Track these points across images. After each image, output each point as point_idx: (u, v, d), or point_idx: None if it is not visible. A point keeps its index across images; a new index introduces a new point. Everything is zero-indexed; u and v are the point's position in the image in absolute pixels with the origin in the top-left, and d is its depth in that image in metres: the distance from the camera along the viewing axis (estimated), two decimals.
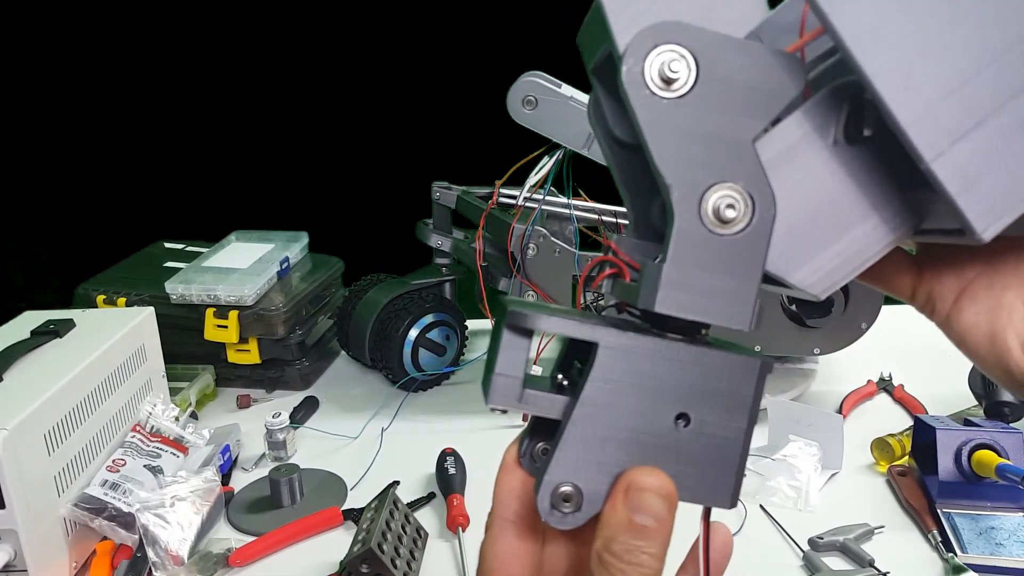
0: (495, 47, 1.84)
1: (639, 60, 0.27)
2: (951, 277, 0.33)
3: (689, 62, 0.27)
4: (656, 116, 0.27)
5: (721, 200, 0.27)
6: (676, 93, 0.27)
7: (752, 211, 0.27)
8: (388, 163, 2.04)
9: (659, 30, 0.27)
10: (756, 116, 0.28)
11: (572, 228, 1.00)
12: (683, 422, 0.28)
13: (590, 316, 0.30)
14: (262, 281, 1.02)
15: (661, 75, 0.27)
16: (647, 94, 0.27)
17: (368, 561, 0.66)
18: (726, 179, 0.27)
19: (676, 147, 0.27)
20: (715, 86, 0.27)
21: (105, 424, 0.78)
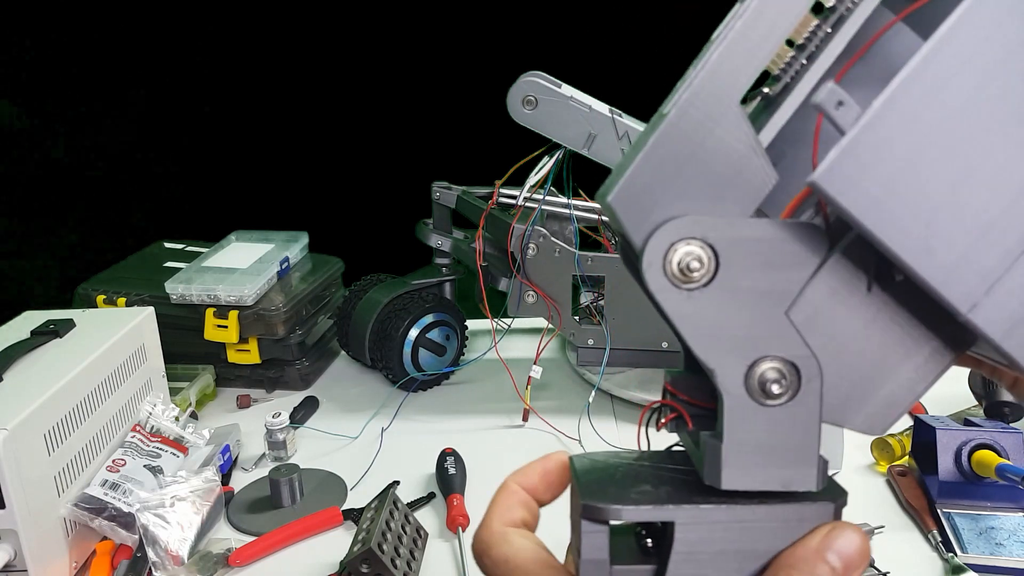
0: (495, 47, 1.84)
1: (658, 259, 0.28)
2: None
3: (707, 253, 0.28)
4: (683, 308, 0.28)
5: (766, 375, 0.28)
6: (699, 284, 0.28)
7: (798, 380, 0.28)
8: (388, 163, 2.04)
9: (673, 228, 0.27)
10: (783, 291, 0.28)
11: (572, 228, 1.00)
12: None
13: (659, 479, 0.31)
14: (262, 281, 1.02)
15: (681, 271, 0.28)
16: (670, 289, 0.28)
17: (368, 561, 0.66)
18: (766, 354, 0.28)
19: (709, 333, 0.28)
20: (737, 270, 0.28)
21: (105, 424, 0.78)
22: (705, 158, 0.28)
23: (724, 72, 0.28)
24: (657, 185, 0.28)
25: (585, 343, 1.00)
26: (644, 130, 0.31)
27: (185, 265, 1.08)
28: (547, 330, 0.98)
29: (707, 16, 1.30)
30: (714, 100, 0.28)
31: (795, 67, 0.30)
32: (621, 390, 0.97)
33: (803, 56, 0.30)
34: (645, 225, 0.28)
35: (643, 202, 0.28)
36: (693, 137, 0.28)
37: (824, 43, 0.29)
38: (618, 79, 1.36)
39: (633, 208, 0.28)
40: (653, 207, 0.28)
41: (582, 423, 0.92)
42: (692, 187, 0.28)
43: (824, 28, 0.29)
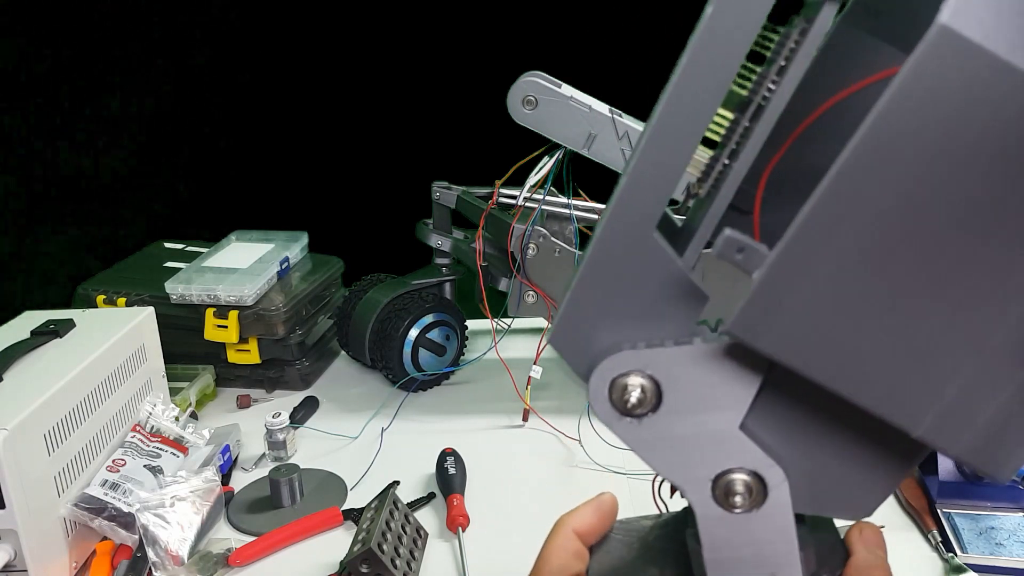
0: (495, 47, 1.84)
1: (602, 394, 0.28)
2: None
3: (648, 383, 0.28)
4: (634, 435, 0.28)
5: (732, 487, 0.28)
6: (645, 411, 0.28)
7: (764, 488, 0.28)
8: (388, 163, 2.04)
9: (611, 364, 0.27)
10: (732, 407, 0.28)
11: (572, 228, 1.00)
12: None
13: (667, 562, 0.31)
14: (262, 281, 1.02)
15: (627, 405, 0.28)
16: (619, 419, 0.28)
17: (368, 561, 0.66)
18: (728, 468, 0.28)
19: (666, 454, 0.28)
20: (681, 396, 0.28)
21: (105, 424, 0.78)
22: (632, 287, 0.28)
23: (638, 198, 0.27)
24: (589, 319, 0.28)
25: None
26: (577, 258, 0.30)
27: (185, 265, 1.08)
28: (547, 330, 0.98)
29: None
30: (630, 231, 0.27)
31: (717, 167, 0.29)
32: None
33: (724, 155, 0.28)
34: (585, 360, 0.28)
35: (579, 337, 0.28)
36: (616, 268, 0.28)
37: (745, 138, 0.28)
38: (618, 79, 1.36)
39: (571, 345, 0.29)
40: (590, 341, 0.28)
41: (582, 423, 0.92)
42: (625, 315, 0.28)
43: (743, 122, 0.28)
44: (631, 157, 0.27)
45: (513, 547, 0.74)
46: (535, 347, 0.97)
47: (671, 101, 0.26)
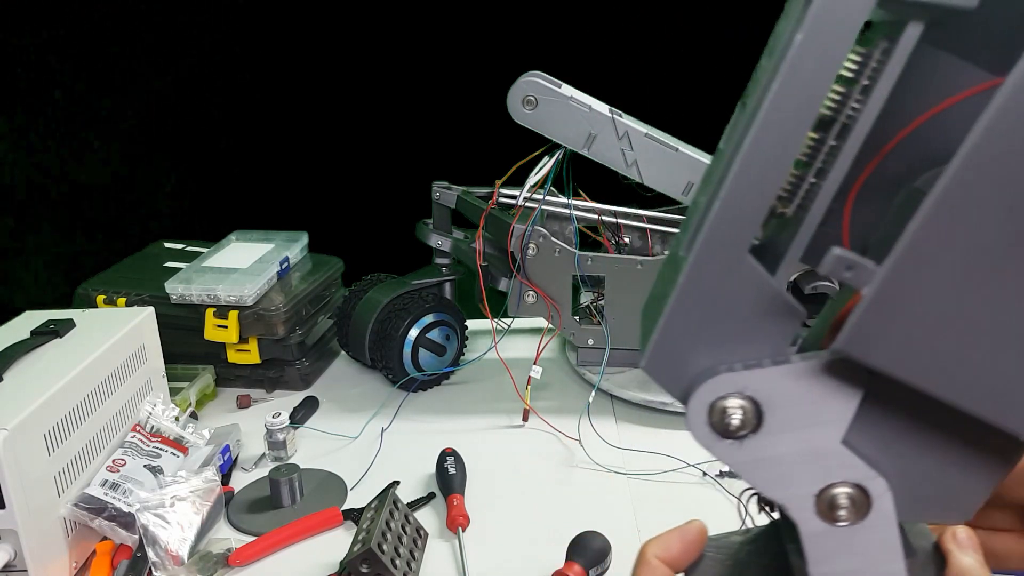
0: (495, 47, 1.84)
1: (701, 418, 0.28)
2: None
3: (748, 404, 0.28)
4: (736, 457, 0.28)
5: (836, 501, 0.28)
6: (746, 432, 0.28)
7: (868, 500, 0.28)
8: (388, 163, 2.04)
9: (711, 388, 0.28)
10: (834, 422, 0.28)
11: (572, 228, 1.00)
12: None
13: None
14: (262, 281, 1.02)
15: (728, 427, 0.28)
16: (720, 442, 0.28)
17: (368, 561, 0.66)
18: (831, 482, 0.28)
19: (768, 474, 0.28)
20: (782, 415, 0.28)
21: (105, 424, 0.78)
22: (727, 308, 0.28)
23: (732, 221, 0.27)
24: (684, 343, 0.28)
25: (585, 343, 1.00)
26: (661, 273, 0.30)
27: (185, 265, 1.08)
28: (547, 330, 0.98)
29: (706, 16, 1.31)
30: (727, 251, 0.27)
31: (804, 186, 0.28)
32: (621, 390, 0.97)
33: (811, 174, 0.28)
34: (681, 384, 0.28)
35: (674, 362, 0.28)
36: (711, 291, 0.28)
37: (832, 157, 0.28)
38: (618, 79, 1.36)
39: (666, 371, 0.29)
40: (685, 365, 0.28)
41: (582, 423, 0.92)
42: (720, 337, 0.28)
43: (828, 140, 0.28)
44: (717, 181, 0.27)
45: (513, 547, 0.75)
46: (535, 347, 0.97)
47: (764, 126, 0.26)
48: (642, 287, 0.95)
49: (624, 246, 1.04)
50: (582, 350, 1.02)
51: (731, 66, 1.99)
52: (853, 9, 0.25)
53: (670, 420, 0.94)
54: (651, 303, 0.30)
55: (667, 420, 0.95)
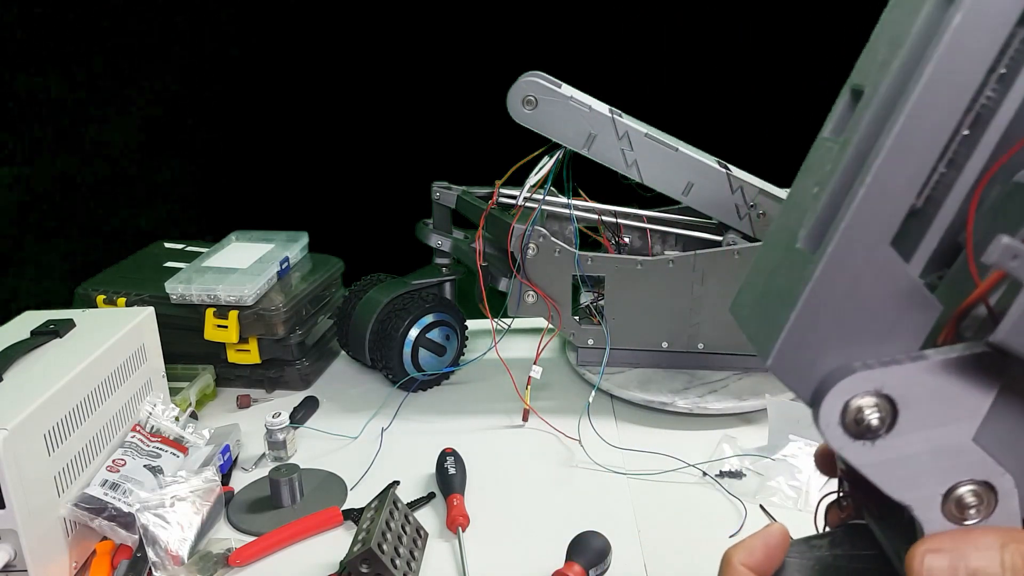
0: (495, 47, 1.84)
1: (834, 419, 0.27)
2: None
3: (883, 403, 0.27)
4: (868, 458, 0.28)
5: (963, 500, 0.28)
6: (881, 432, 0.27)
7: (995, 497, 0.28)
8: (388, 163, 2.04)
9: (846, 387, 0.27)
10: (966, 420, 0.27)
11: (572, 228, 1.00)
12: None
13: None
14: (262, 281, 1.02)
15: (862, 427, 0.27)
16: (852, 444, 0.27)
17: (368, 561, 0.66)
18: (959, 481, 0.28)
19: (898, 475, 0.28)
20: (916, 413, 0.27)
21: (105, 424, 0.78)
22: (862, 303, 0.27)
23: (874, 213, 0.26)
24: (817, 339, 0.27)
25: (585, 343, 1.00)
26: (773, 256, 0.29)
27: (185, 265, 1.08)
28: (547, 330, 0.98)
29: (706, 16, 1.31)
30: (866, 244, 0.26)
31: (935, 177, 0.27)
32: (621, 390, 0.97)
33: (942, 164, 0.27)
34: (812, 383, 0.28)
35: (804, 361, 0.27)
36: (846, 285, 0.27)
37: (967, 146, 0.27)
38: (618, 79, 1.36)
39: (795, 370, 0.28)
40: (816, 364, 0.27)
41: (582, 423, 0.92)
42: (853, 334, 0.27)
43: (962, 130, 0.27)
44: (844, 172, 0.26)
45: (513, 547, 0.75)
46: (535, 347, 0.97)
47: (914, 114, 0.25)
48: (642, 287, 0.95)
49: (624, 246, 1.04)
50: (582, 350, 1.02)
51: (731, 66, 2.00)
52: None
53: (670, 420, 0.95)
54: (764, 298, 0.29)
55: (667, 420, 0.95)
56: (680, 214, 1.03)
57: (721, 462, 0.84)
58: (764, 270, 0.30)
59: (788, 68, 1.88)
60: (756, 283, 0.30)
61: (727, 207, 0.95)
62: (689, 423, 0.94)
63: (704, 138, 1.01)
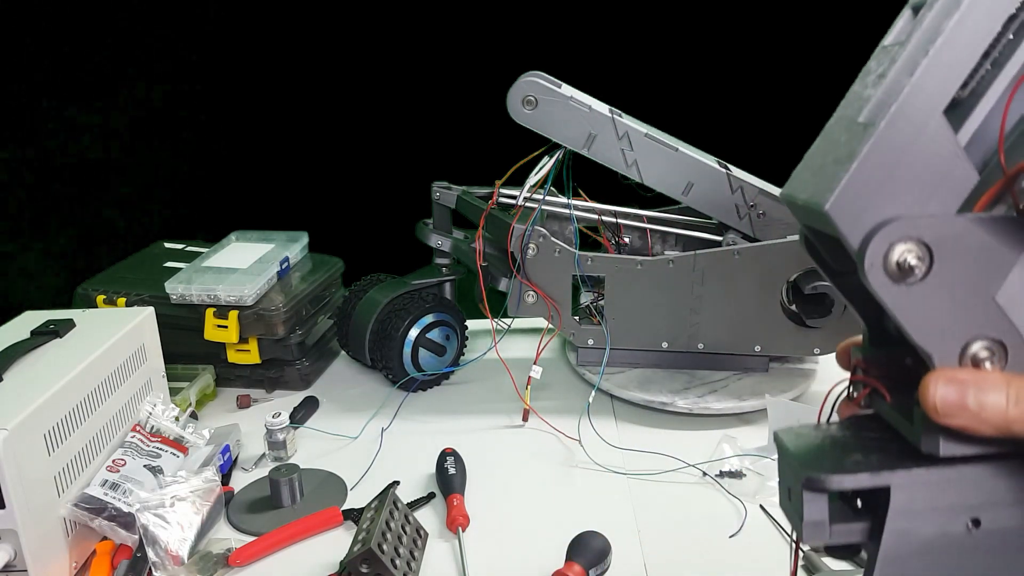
0: (495, 47, 1.84)
1: (879, 260, 0.31)
2: None
3: (922, 251, 0.31)
4: (903, 301, 0.31)
5: (978, 354, 0.32)
6: (916, 278, 0.31)
7: (1006, 355, 0.32)
8: (388, 163, 2.04)
9: (891, 231, 0.31)
10: (990, 278, 0.31)
11: (572, 228, 1.00)
12: (974, 525, 0.33)
13: (866, 447, 0.35)
14: (262, 281, 1.02)
15: (901, 268, 0.31)
16: (891, 286, 0.31)
17: (368, 561, 0.66)
18: (977, 335, 0.31)
19: (925, 321, 0.31)
20: (950, 264, 0.31)
21: (105, 424, 0.78)
22: (913, 164, 0.31)
23: (930, 86, 0.31)
24: (870, 192, 0.31)
25: (585, 343, 1.00)
26: (834, 135, 0.33)
27: (185, 265, 1.08)
28: (547, 330, 0.98)
29: (706, 16, 1.31)
30: (921, 112, 0.31)
31: (981, 72, 0.32)
32: (621, 390, 0.97)
33: (988, 62, 0.32)
34: (861, 229, 0.31)
35: (858, 208, 0.31)
36: (902, 146, 0.31)
37: (1009, 49, 0.31)
38: (618, 79, 1.36)
39: (849, 214, 0.31)
40: (867, 212, 0.31)
41: (582, 423, 0.92)
42: (901, 191, 0.31)
43: (1007, 34, 0.31)
44: (921, 47, 0.31)
45: (513, 547, 0.75)
46: (535, 347, 0.98)
47: (964, 17, 0.30)
48: (642, 287, 0.95)
49: (624, 246, 1.04)
50: (582, 350, 1.02)
51: (731, 66, 1.99)
52: None
53: (670, 420, 0.95)
54: (824, 166, 0.33)
55: (667, 420, 0.95)
56: (680, 214, 1.03)
57: (721, 462, 0.84)
58: (822, 151, 0.35)
59: (788, 68, 1.88)
60: (813, 162, 0.35)
61: (727, 207, 0.95)
62: (689, 423, 0.94)
63: (704, 138, 1.01)
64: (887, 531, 0.33)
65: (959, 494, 0.33)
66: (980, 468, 0.32)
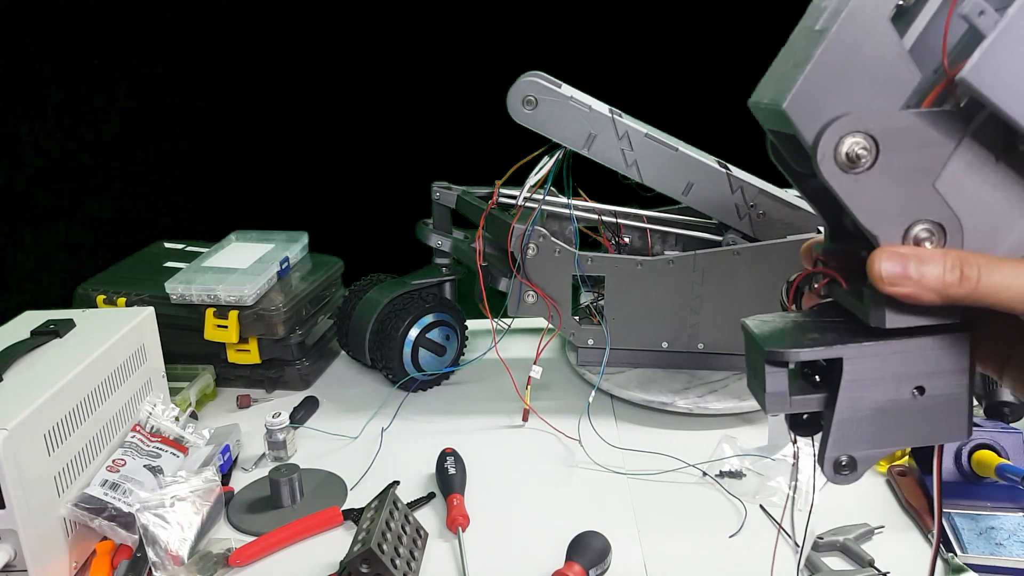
0: (495, 47, 1.84)
1: (830, 151, 0.34)
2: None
3: (869, 142, 0.34)
4: (852, 188, 0.34)
5: (919, 235, 0.35)
6: (864, 167, 0.34)
7: (944, 237, 0.35)
8: (388, 163, 2.04)
9: (841, 125, 0.34)
10: (930, 166, 0.34)
11: (572, 228, 1.00)
12: (919, 392, 0.37)
13: (822, 328, 0.38)
14: (262, 281, 1.02)
15: (849, 158, 0.34)
16: (841, 175, 0.34)
17: (368, 561, 0.66)
18: (918, 219, 0.35)
19: (873, 206, 0.35)
20: (894, 154, 0.34)
21: (105, 424, 0.78)
22: (862, 65, 0.34)
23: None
24: (823, 91, 0.34)
25: (585, 343, 1.00)
26: (795, 43, 0.37)
27: (185, 265, 1.08)
28: (547, 330, 0.98)
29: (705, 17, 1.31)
30: (868, 18, 0.34)
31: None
32: (621, 390, 0.97)
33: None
34: (815, 124, 0.34)
35: (812, 105, 0.35)
36: (851, 49, 0.34)
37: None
38: (618, 79, 1.36)
39: (804, 111, 0.35)
40: (821, 109, 0.34)
41: (582, 423, 0.92)
42: (852, 90, 0.34)
43: None
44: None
45: (513, 547, 0.75)
46: (535, 347, 0.98)
47: None
48: (642, 287, 0.95)
49: (624, 246, 1.04)
50: (582, 350, 1.02)
51: (731, 66, 1.99)
52: None
53: (670, 420, 0.95)
54: (784, 71, 0.36)
55: (667, 420, 0.95)
56: (680, 214, 1.03)
57: (721, 462, 0.84)
58: (783, 59, 0.38)
59: None
60: (776, 70, 0.38)
61: (727, 207, 0.95)
62: (689, 423, 0.94)
63: (704, 138, 1.01)
64: (840, 398, 0.36)
65: (904, 364, 0.36)
66: (922, 341, 0.36)
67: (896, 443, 0.38)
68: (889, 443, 0.38)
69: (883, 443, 0.38)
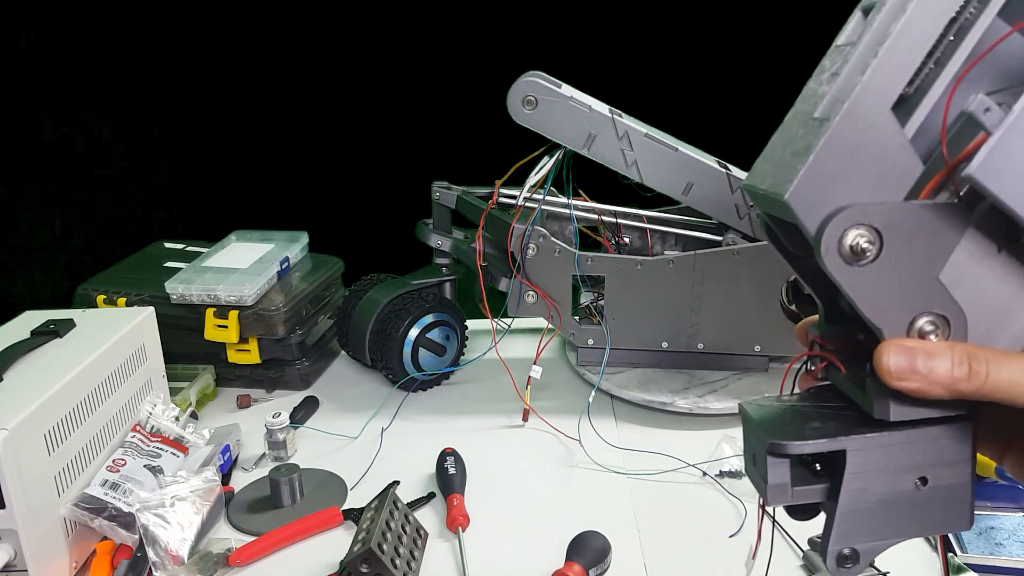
0: (495, 47, 1.84)
1: (833, 244, 0.33)
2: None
3: (873, 235, 0.34)
4: (856, 281, 0.34)
5: (924, 328, 0.34)
6: (868, 260, 0.34)
7: (948, 328, 0.35)
8: (388, 163, 2.04)
9: (844, 217, 0.33)
10: (934, 259, 0.34)
11: (572, 228, 1.00)
12: (922, 483, 0.36)
13: (823, 416, 0.38)
14: (262, 281, 1.02)
15: (854, 251, 0.33)
16: (845, 268, 0.34)
17: (368, 561, 0.66)
18: (923, 311, 0.34)
19: (878, 299, 0.34)
20: (898, 247, 0.34)
21: (105, 424, 0.78)
22: (864, 156, 0.34)
23: (879, 84, 0.34)
24: (825, 182, 0.34)
25: (585, 343, 1.00)
26: (792, 129, 0.37)
27: (185, 265, 1.08)
28: (547, 330, 0.98)
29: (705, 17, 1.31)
30: (871, 108, 0.34)
31: (925, 71, 0.35)
32: (621, 390, 0.97)
33: (931, 61, 0.35)
34: (817, 216, 0.34)
35: (815, 197, 0.34)
36: (854, 140, 0.34)
37: (950, 49, 0.34)
38: (618, 79, 1.36)
39: (807, 203, 0.34)
40: (823, 200, 0.34)
41: (582, 423, 0.92)
42: (854, 181, 0.34)
43: (948, 36, 0.34)
44: (871, 48, 0.34)
45: (513, 547, 0.75)
46: (535, 347, 0.98)
47: (911, 21, 0.33)
48: (642, 287, 0.95)
49: (624, 246, 1.04)
50: (582, 350, 1.02)
51: (731, 66, 1.99)
52: None
53: (670, 420, 0.95)
54: (783, 159, 0.36)
55: (667, 420, 0.95)
56: (680, 214, 1.03)
57: (721, 462, 0.84)
58: (780, 144, 0.37)
59: (787, 68, 1.88)
60: (773, 154, 0.37)
61: (727, 207, 0.95)
62: (689, 423, 0.94)
63: (704, 138, 1.01)
64: (844, 491, 0.36)
65: (907, 455, 0.36)
66: (925, 431, 0.35)
67: (899, 535, 0.37)
68: (892, 535, 0.37)
69: (886, 535, 0.37)
